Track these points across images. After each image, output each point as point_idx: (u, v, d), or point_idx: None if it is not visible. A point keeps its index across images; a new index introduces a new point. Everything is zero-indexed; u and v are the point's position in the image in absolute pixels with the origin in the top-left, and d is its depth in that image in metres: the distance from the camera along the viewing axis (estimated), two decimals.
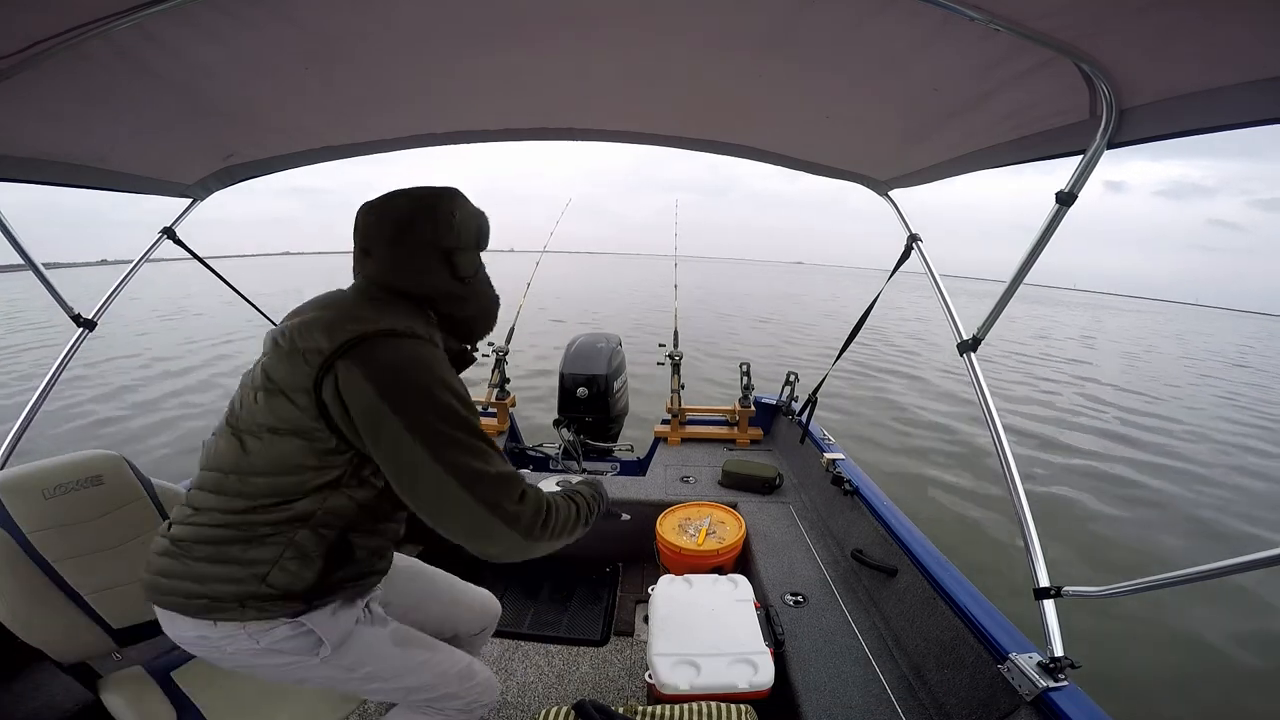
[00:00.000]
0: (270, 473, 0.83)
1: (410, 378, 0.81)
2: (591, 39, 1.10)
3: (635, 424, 3.50)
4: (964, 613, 1.29)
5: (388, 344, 0.82)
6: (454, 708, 1.09)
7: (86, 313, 1.64)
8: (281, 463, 0.83)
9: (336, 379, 0.79)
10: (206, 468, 0.89)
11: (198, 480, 0.90)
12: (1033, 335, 18.61)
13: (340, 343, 0.80)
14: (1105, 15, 0.76)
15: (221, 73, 1.12)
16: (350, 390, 0.79)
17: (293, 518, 0.84)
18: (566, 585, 2.14)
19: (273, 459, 0.83)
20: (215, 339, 11.72)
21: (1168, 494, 5.10)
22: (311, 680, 0.98)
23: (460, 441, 0.80)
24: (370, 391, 0.78)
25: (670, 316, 3.24)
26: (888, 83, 1.15)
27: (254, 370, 0.89)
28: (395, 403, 0.78)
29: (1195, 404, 9.70)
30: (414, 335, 0.86)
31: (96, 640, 1.07)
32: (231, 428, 0.87)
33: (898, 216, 1.82)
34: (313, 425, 0.81)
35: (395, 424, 0.78)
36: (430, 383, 0.82)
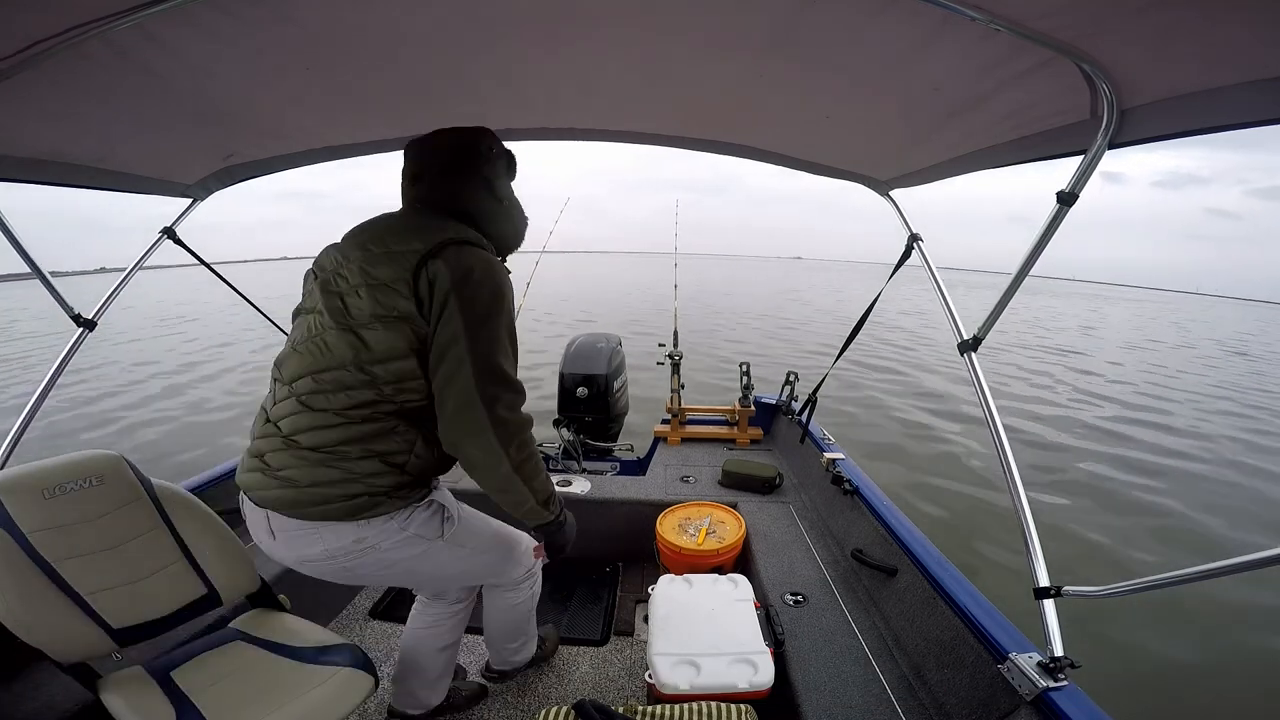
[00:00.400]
0: (390, 358, 0.97)
1: (476, 277, 0.97)
2: (593, 39, 1.10)
3: (635, 424, 3.51)
4: (964, 613, 1.29)
5: (464, 249, 0.99)
6: (524, 578, 1.39)
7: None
8: (394, 349, 0.97)
9: (427, 271, 0.96)
10: (318, 369, 0.99)
11: (304, 387, 1.00)
12: (1029, 325, 18.59)
13: (432, 245, 0.97)
14: (1105, 15, 0.76)
15: (222, 73, 1.12)
16: (437, 280, 0.95)
17: (416, 405, 1.00)
18: (566, 585, 2.14)
19: (388, 346, 0.97)
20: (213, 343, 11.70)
21: (1172, 495, 5.09)
22: (433, 570, 1.17)
23: (495, 337, 0.98)
24: (448, 281, 0.95)
25: (670, 316, 3.25)
26: (888, 83, 1.15)
27: (338, 280, 1.02)
28: (460, 292, 0.95)
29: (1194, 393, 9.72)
30: (481, 245, 1.04)
31: (96, 640, 1.07)
32: (341, 327, 0.99)
33: (898, 216, 1.82)
34: (413, 310, 0.96)
35: (454, 307, 0.95)
36: (490, 285, 0.99)
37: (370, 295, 0.97)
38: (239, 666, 1.18)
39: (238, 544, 1.31)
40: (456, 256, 0.97)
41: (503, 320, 1.00)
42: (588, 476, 2.38)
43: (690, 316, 12.85)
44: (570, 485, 2.27)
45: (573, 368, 2.86)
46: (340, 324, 0.99)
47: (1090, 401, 8.31)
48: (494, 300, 0.99)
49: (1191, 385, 10.38)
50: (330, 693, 1.12)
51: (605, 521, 2.24)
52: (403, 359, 0.97)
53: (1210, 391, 10.00)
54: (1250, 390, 10.52)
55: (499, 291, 1.00)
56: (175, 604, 1.19)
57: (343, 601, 2.01)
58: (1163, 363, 13.22)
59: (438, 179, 1.09)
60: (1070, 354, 13.05)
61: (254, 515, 1.06)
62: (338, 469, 0.97)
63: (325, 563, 1.06)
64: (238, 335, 12.25)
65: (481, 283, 0.97)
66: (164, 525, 1.21)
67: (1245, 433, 7.33)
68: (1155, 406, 8.33)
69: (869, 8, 0.87)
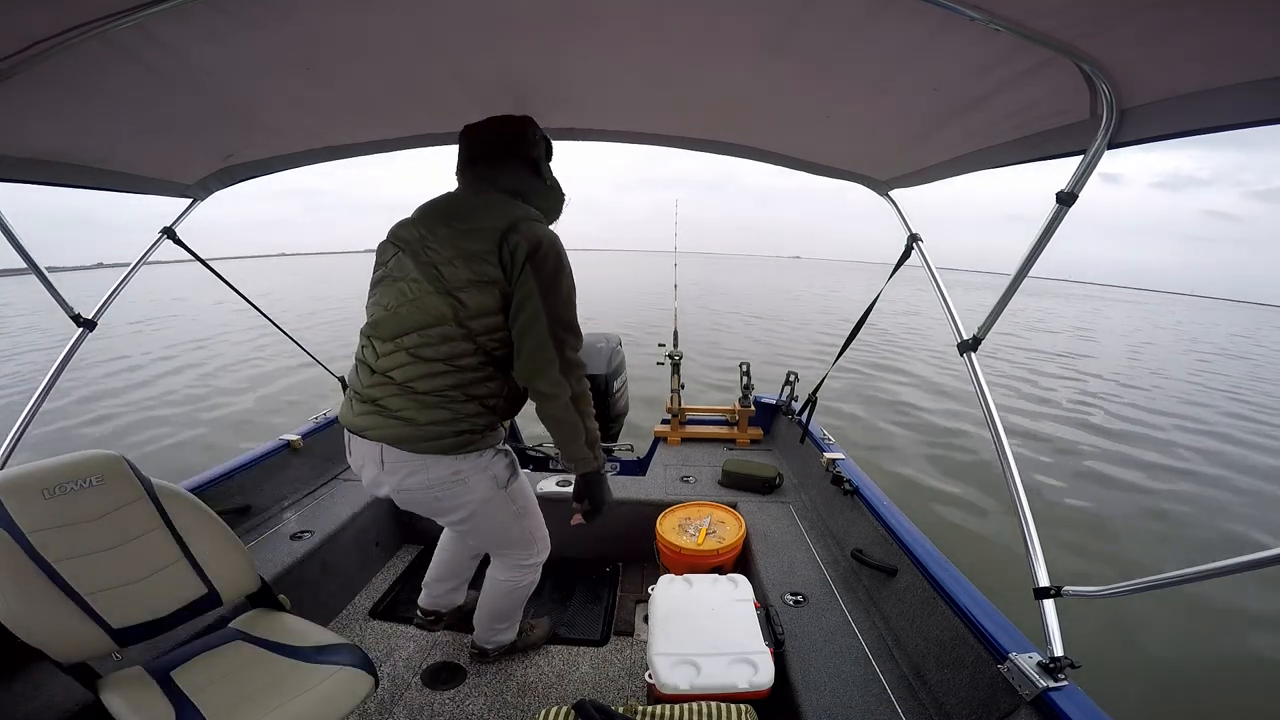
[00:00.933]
0: (483, 314, 1.16)
1: (544, 248, 1.15)
2: (593, 39, 1.10)
3: (635, 424, 3.51)
4: (964, 613, 1.29)
5: (534, 225, 1.18)
6: (531, 563, 1.55)
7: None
8: (486, 307, 1.15)
9: (508, 243, 1.13)
10: (423, 326, 1.17)
11: (412, 342, 1.18)
12: (1026, 328, 18.52)
13: (509, 221, 1.15)
14: (1105, 15, 0.76)
15: (221, 73, 1.12)
16: (517, 250, 1.13)
17: (503, 353, 1.20)
18: (566, 585, 2.14)
19: (481, 304, 1.15)
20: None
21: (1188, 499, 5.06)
22: (489, 513, 1.36)
23: (562, 297, 1.17)
24: (525, 251, 1.13)
25: (669, 315, 3.25)
26: (888, 83, 1.15)
27: (429, 252, 1.18)
28: (534, 259, 1.14)
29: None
30: (542, 220, 1.23)
31: (96, 640, 1.07)
32: (440, 290, 1.15)
33: (898, 216, 1.82)
34: (499, 275, 1.14)
35: (529, 271, 1.13)
36: (556, 255, 1.17)
37: (465, 264, 1.14)
38: (239, 666, 1.18)
39: (238, 544, 1.31)
40: (530, 230, 1.15)
41: (565, 280, 1.18)
42: None
43: (681, 317, 12.81)
44: (570, 485, 2.27)
45: None
46: (439, 289, 1.16)
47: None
48: (559, 264, 1.17)
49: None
50: (330, 692, 1.12)
51: (605, 521, 2.22)
52: (493, 315, 1.16)
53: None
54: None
55: (562, 258, 1.18)
56: (175, 604, 1.19)
57: (343, 601, 2.01)
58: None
59: (493, 161, 1.26)
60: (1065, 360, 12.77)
61: (364, 449, 1.25)
62: (448, 410, 1.18)
63: (421, 492, 1.26)
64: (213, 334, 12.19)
65: (549, 251, 1.15)
66: (164, 525, 1.22)
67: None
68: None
69: (869, 8, 0.87)
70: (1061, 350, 11.23)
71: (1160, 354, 15.60)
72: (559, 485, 2.26)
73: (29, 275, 1.59)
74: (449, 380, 1.17)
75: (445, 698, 1.62)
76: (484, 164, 1.27)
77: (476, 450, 1.25)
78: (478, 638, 1.72)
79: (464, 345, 1.17)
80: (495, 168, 1.26)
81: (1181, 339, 21.57)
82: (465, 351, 1.17)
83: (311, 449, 2.34)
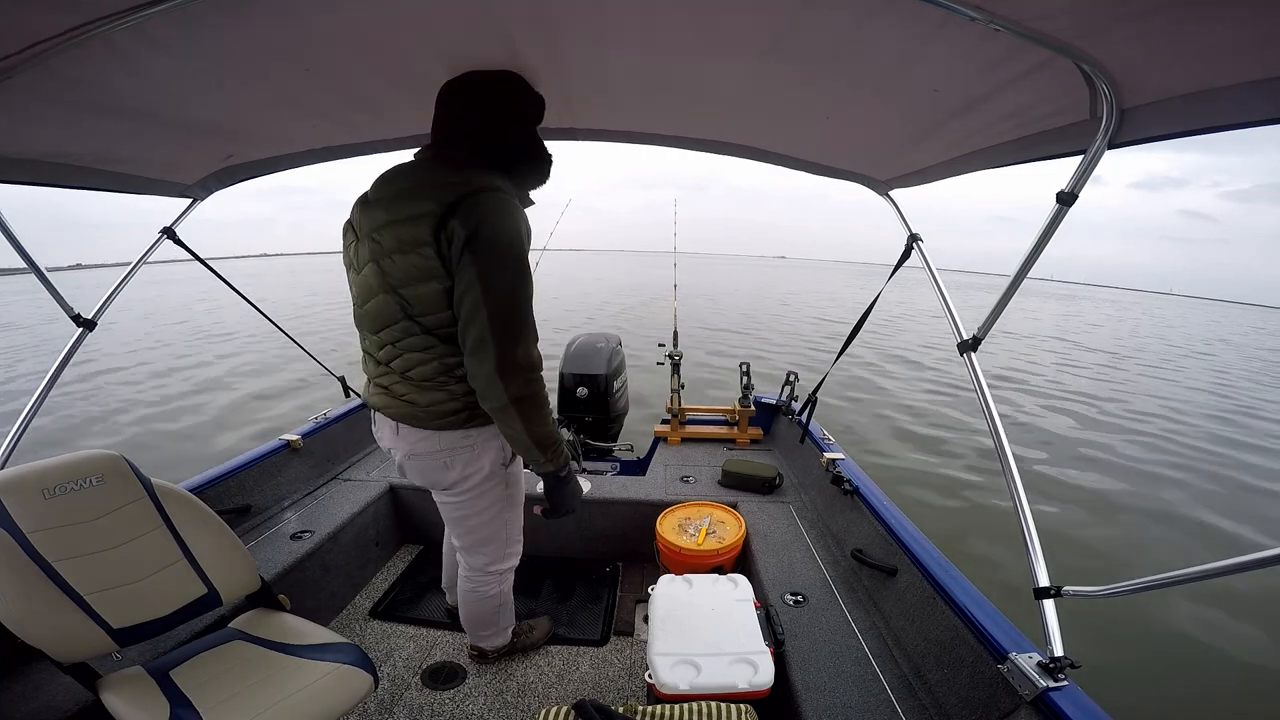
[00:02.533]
0: (430, 311, 1.10)
1: (488, 230, 1.03)
2: (592, 39, 1.10)
3: (635, 424, 3.51)
4: (964, 613, 1.29)
5: (478, 200, 1.05)
6: (496, 570, 1.50)
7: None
8: (432, 303, 1.09)
9: (446, 231, 1.04)
10: (387, 324, 1.16)
11: (390, 336, 1.17)
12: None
13: (447, 203, 1.04)
14: (1105, 15, 0.76)
15: (222, 73, 1.12)
16: (454, 236, 1.03)
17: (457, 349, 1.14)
18: (566, 585, 2.14)
19: (426, 301, 1.09)
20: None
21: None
22: (485, 493, 1.35)
23: (505, 286, 1.06)
24: (463, 236, 1.03)
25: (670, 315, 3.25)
26: (888, 83, 1.15)
27: (371, 244, 1.12)
28: (473, 245, 1.03)
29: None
30: (495, 189, 1.08)
31: (96, 640, 1.07)
32: (385, 289, 1.12)
33: (898, 216, 1.82)
34: (439, 268, 1.06)
35: (469, 259, 1.03)
36: (501, 234, 1.05)
37: (404, 257, 1.08)
38: (239, 666, 1.18)
39: (238, 544, 1.31)
40: (469, 211, 1.03)
41: (511, 265, 1.06)
42: (588, 476, 2.38)
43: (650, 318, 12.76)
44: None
45: (572, 368, 2.86)
46: (384, 285, 1.12)
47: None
48: (505, 247, 1.05)
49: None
50: (329, 691, 1.12)
51: (605, 521, 2.24)
52: (441, 310, 1.10)
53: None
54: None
55: (509, 239, 1.06)
56: (175, 604, 1.19)
57: (343, 601, 2.01)
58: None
59: (460, 119, 1.16)
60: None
61: (383, 420, 1.30)
62: (444, 391, 1.18)
63: (430, 457, 1.27)
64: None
65: (492, 234, 1.04)
66: (164, 525, 1.22)
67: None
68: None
69: (869, 8, 0.87)
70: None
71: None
72: None
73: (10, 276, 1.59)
74: (435, 366, 1.16)
75: (445, 698, 1.62)
76: (453, 119, 1.17)
77: (483, 422, 1.23)
78: (470, 640, 1.72)
79: (428, 339, 1.14)
80: (466, 122, 1.16)
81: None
82: (433, 343, 1.14)
83: (311, 449, 2.34)
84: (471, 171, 1.11)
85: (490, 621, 1.63)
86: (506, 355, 1.07)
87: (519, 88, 1.19)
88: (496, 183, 1.10)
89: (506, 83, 1.17)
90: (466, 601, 1.57)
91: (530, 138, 1.24)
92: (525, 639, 1.79)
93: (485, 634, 1.67)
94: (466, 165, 1.13)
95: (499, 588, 1.54)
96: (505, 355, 1.07)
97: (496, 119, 1.17)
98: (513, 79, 1.19)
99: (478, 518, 1.40)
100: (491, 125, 1.16)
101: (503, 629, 1.69)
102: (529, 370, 1.11)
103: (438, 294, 1.08)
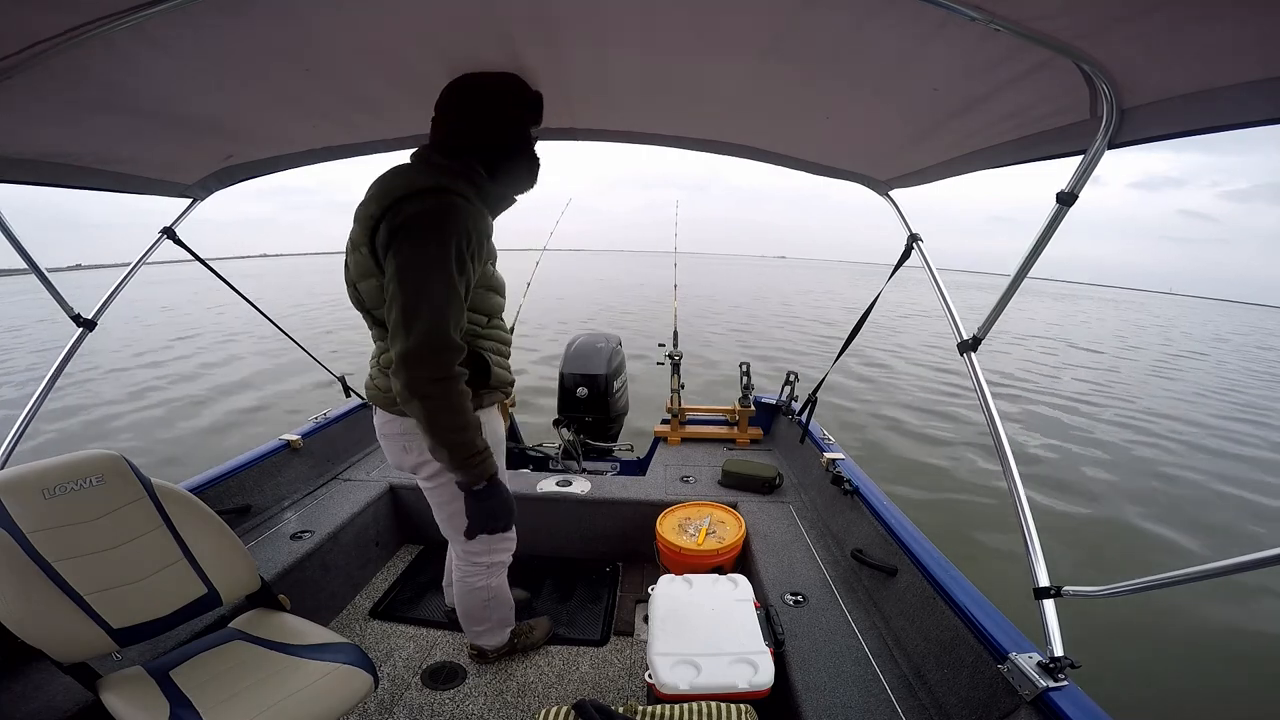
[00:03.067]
0: (379, 305, 1.14)
1: (413, 226, 1.06)
2: (592, 39, 1.10)
3: (635, 424, 3.51)
4: (964, 613, 1.29)
5: (411, 202, 1.07)
6: (483, 562, 1.52)
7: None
8: (376, 300, 1.15)
9: (380, 232, 1.08)
10: (360, 312, 1.23)
11: (368, 322, 1.24)
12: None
13: (385, 206, 1.08)
14: (1105, 15, 0.76)
15: (221, 73, 1.12)
16: (380, 236, 1.08)
17: None
18: (566, 585, 2.14)
19: (374, 298, 1.16)
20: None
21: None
22: (452, 484, 1.29)
23: (417, 278, 1.06)
24: (387, 235, 1.07)
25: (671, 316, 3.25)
26: (888, 83, 1.15)
27: (348, 241, 1.19)
28: (395, 244, 1.06)
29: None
30: (443, 190, 1.10)
31: (96, 640, 1.07)
32: (349, 281, 1.21)
33: (898, 216, 1.82)
34: (372, 266, 1.12)
35: (390, 257, 1.07)
36: (430, 234, 1.06)
37: (354, 257, 1.16)
38: (239, 666, 1.18)
39: (238, 544, 1.31)
40: (397, 213, 1.06)
41: (430, 259, 1.06)
42: (588, 476, 2.38)
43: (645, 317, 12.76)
44: (570, 485, 2.27)
45: (573, 368, 2.86)
46: (348, 279, 1.21)
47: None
48: (427, 249, 1.06)
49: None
50: (330, 691, 1.12)
51: (605, 521, 2.24)
52: (384, 306, 1.12)
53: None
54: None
55: (434, 238, 1.06)
56: (175, 604, 1.19)
57: (343, 601, 2.01)
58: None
59: (452, 121, 1.19)
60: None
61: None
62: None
63: (396, 438, 1.34)
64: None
65: (417, 229, 1.05)
66: (164, 525, 1.22)
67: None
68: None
69: (869, 8, 0.87)
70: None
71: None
72: (559, 485, 2.26)
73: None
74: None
75: (445, 698, 1.62)
76: (446, 120, 1.20)
77: None
78: (468, 638, 1.72)
79: (382, 330, 1.18)
80: (457, 124, 1.18)
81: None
82: (386, 334, 1.16)
83: (311, 449, 2.34)
84: (439, 173, 1.13)
85: (480, 616, 1.61)
86: (410, 349, 1.05)
87: (513, 89, 1.20)
88: (449, 184, 1.11)
89: (501, 85, 1.19)
90: (458, 592, 1.57)
91: (519, 140, 1.25)
92: (525, 639, 1.78)
93: (478, 629, 1.65)
94: (442, 167, 1.15)
95: (485, 580, 1.53)
96: (408, 348, 1.05)
97: (487, 121, 1.18)
98: (509, 81, 1.19)
99: (450, 506, 1.40)
100: (481, 127, 1.18)
101: (496, 626, 1.67)
102: (435, 370, 1.07)
103: (377, 289, 1.14)
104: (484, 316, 1.29)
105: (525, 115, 1.24)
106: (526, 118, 1.25)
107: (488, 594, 1.56)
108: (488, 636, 1.68)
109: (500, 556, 1.54)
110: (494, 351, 1.34)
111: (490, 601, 1.59)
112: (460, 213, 1.09)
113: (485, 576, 1.53)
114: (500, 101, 1.19)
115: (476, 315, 1.25)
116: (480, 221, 1.15)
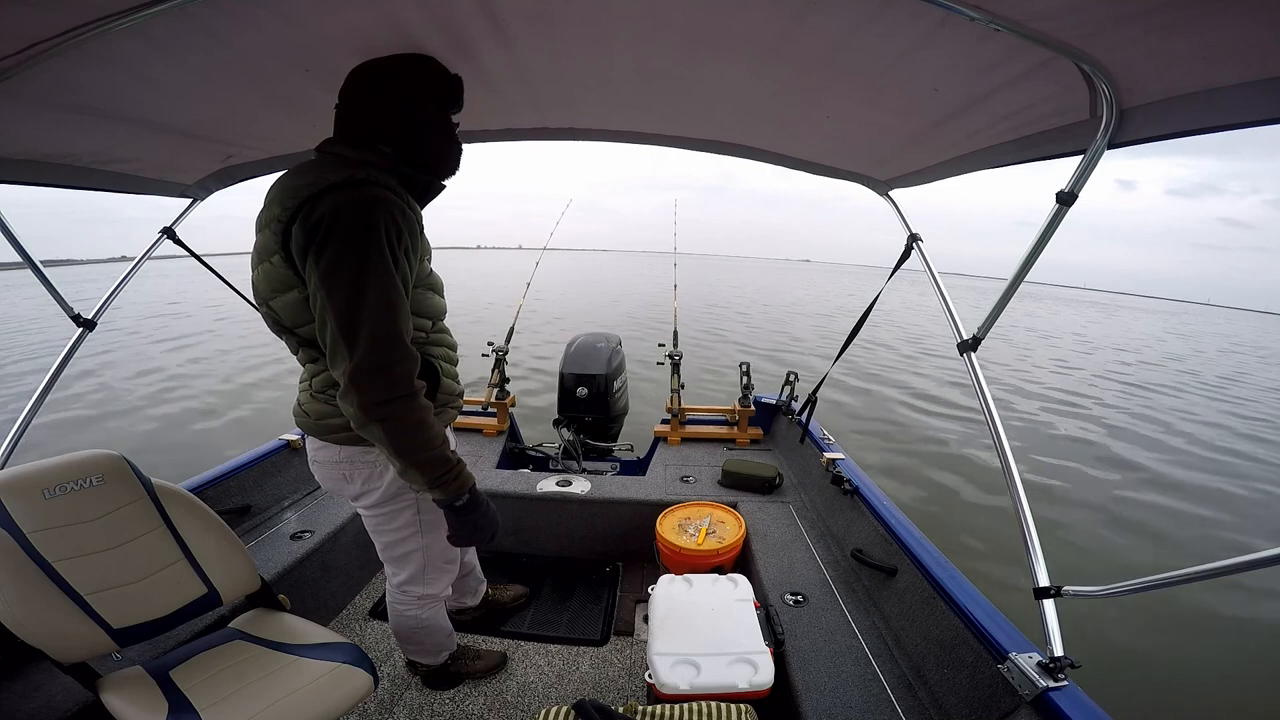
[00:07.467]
0: (300, 324, 1.03)
1: (327, 228, 0.92)
2: (593, 39, 1.10)
3: (635, 424, 3.50)
4: (964, 613, 1.29)
5: (322, 200, 0.93)
6: (413, 594, 1.40)
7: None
8: (297, 315, 1.02)
9: (293, 236, 0.95)
10: (277, 333, 1.10)
11: (288, 345, 1.12)
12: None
13: (292, 208, 0.94)
14: (1105, 15, 0.76)
15: (221, 73, 1.12)
16: (295, 241, 0.94)
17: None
18: (566, 585, 2.14)
19: (292, 313, 1.02)
20: None
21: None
22: (395, 514, 1.26)
23: (345, 287, 0.92)
24: (303, 239, 0.93)
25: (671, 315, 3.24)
26: (888, 83, 1.15)
27: (253, 254, 1.05)
28: (315, 246, 0.92)
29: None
30: (356, 184, 0.95)
31: (96, 640, 1.07)
32: (259, 300, 1.06)
33: (898, 216, 1.82)
34: (291, 276, 0.98)
35: (311, 264, 0.93)
36: (350, 233, 0.92)
37: (264, 272, 1.02)
38: (238, 666, 1.18)
39: (238, 544, 1.31)
40: (309, 212, 0.93)
41: (355, 263, 0.92)
42: (588, 476, 2.38)
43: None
44: (570, 485, 2.27)
45: (572, 368, 2.86)
46: (258, 298, 1.07)
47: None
48: (354, 247, 0.92)
49: None
50: (329, 690, 1.12)
51: (605, 521, 2.24)
52: (310, 323, 1.00)
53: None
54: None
55: (361, 237, 0.92)
56: (175, 604, 1.19)
57: (343, 601, 2.01)
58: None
59: (351, 106, 1.07)
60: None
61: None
62: (333, 405, 1.08)
63: (330, 466, 1.21)
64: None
65: (339, 233, 0.91)
66: (164, 525, 1.22)
67: None
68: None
69: (869, 8, 0.87)
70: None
71: None
72: (559, 485, 2.26)
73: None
74: (325, 378, 1.09)
75: (445, 697, 1.62)
76: (346, 109, 1.07)
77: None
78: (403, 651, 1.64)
79: (312, 350, 1.06)
80: (357, 111, 1.06)
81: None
82: (316, 355, 1.05)
83: None
84: (351, 166, 0.99)
85: (412, 639, 1.53)
86: (357, 367, 0.93)
87: (418, 67, 1.07)
88: (361, 175, 0.97)
89: (405, 64, 1.06)
90: (391, 615, 1.48)
91: (429, 122, 1.11)
92: (466, 667, 1.68)
93: (410, 648, 1.58)
94: (352, 159, 1.02)
95: (416, 612, 1.43)
96: (355, 366, 0.93)
97: (395, 103, 1.05)
98: (411, 61, 1.06)
99: (390, 535, 1.31)
100: (390, 110, 1.05)
101: (429, 651, 1.59)
102: (390, 386, 0.95)
103: (299, 303, 0.99)
104: (428, 320, 1.14)
105: (436, 94, 1.10)
106: (438, 96, 1.11)
107: (418, 624, 1.47)
108: (422, 655, 1.61)
109: (433, 589, 1.41)
110: (444, 359, 1.21)
111: (419, 630, 1.49)
112: (384, 204, 0.96)
113: (416, 608, 1.43)
114: (406, 80, 1.06)
115: (420, 320, 1.11)
116: (408, 212, 1.01)
